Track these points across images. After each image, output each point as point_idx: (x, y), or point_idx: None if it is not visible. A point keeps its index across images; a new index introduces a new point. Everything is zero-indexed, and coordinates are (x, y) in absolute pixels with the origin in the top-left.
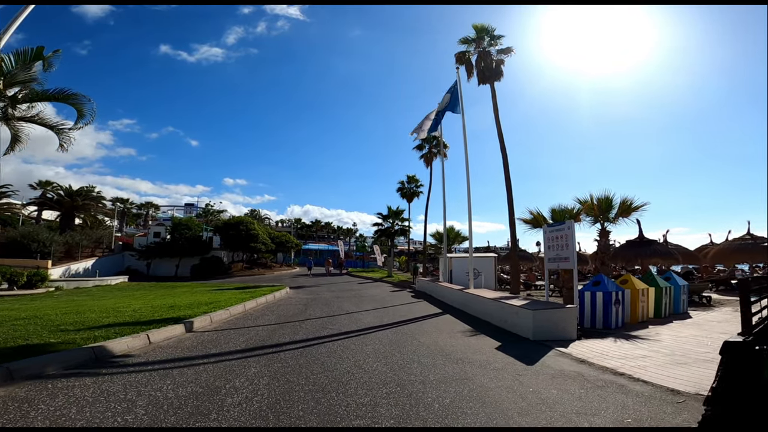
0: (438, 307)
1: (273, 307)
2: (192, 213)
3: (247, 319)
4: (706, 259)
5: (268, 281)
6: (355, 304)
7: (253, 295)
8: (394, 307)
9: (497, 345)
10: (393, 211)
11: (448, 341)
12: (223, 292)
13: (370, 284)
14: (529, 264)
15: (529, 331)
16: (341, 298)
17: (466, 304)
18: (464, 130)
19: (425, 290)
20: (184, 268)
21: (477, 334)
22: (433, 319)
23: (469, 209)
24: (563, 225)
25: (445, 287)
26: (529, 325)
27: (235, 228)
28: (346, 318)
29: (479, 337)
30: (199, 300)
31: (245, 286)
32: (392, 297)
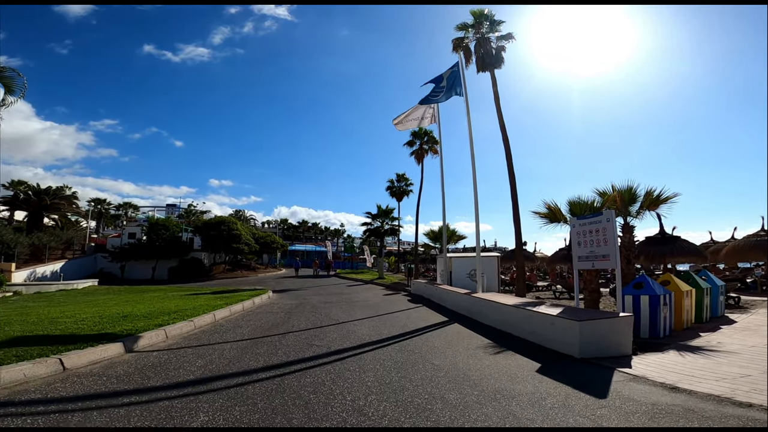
0: (441, 313)
1: (250, 315)
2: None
3: (214, 332)
4: (719, 257)
5: (251, 284)
6: (346, 311)
7: (228, 300)
8: (392, 314)
9: (536, 367)
10: (383, 210)
11: (469, 362)
12: (196, 298)
13: (360, 287)
14: (530, 264)
15: (573, 347)
16: (330, 303)
17: (478, 312)
18: (468, 115)
19: (423, 294)
20: (161, 270)
21: (502, 350)
22: (441, 330)
23: (476, 201)
24: (599, 216)
25: (448, 291)
26: (572, 339)
27: (216, 228)
28: (336, 330)
29: (507, 356)
30: (164, 307)
31: (224, 290)
32: (387, 302)
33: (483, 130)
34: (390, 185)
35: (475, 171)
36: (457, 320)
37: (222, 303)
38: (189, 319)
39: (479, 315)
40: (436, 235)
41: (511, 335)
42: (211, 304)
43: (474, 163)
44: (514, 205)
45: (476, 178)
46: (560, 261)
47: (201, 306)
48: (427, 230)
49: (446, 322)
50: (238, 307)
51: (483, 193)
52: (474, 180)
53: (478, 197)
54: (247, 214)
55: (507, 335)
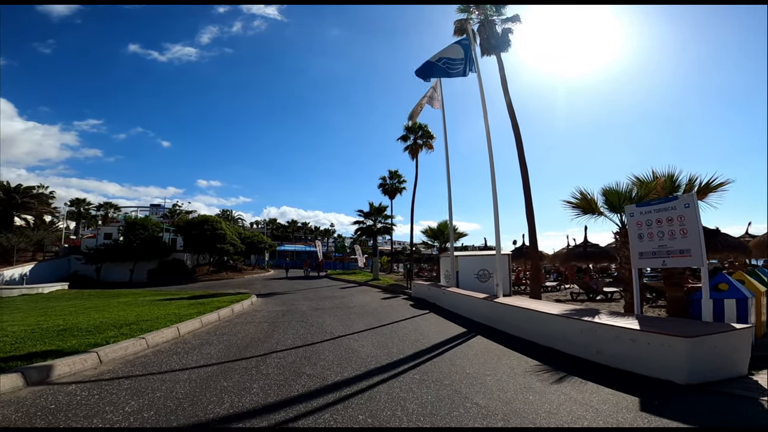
0: (455, 322)
1: (226, 327)
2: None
3: (173, 354)
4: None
5: (235, 287)
6: (342, 320)
7: (203, 308)
8: (397, 324)
9: (634, 403)
10: (375, 208)
11: (530, 400)
12: (168, 304)
13: (354, 289)
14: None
15: (675, 371)
16: (322, 309)
17: (505, 321)
18: (482, 93)
19: (426, 297)
20: (140, 272)
21: (562, 375)
22: (464, 347)
23: (494, 191)
24: (673, 201)
25: (459, 295)
26: (674, 360)
27: (199, 227)
28: (332, 348)
29: (576, 385)
30: (121, 318)
31: (203, 295)
32: (387, 307)
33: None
34: (382, 182)
35: (492, 159)
36: (479, 331)
37: (194, 311)
38: (140, 335)
39: (508, 325)
40: (435, 233)
41: (560, 353)
42: (180, 313)
43: (491, 149)
44: (527, 198)
45: (494, 165)
46: (575, 259)
47: (166, 316)
48: (425, 228)
49: (466, 334)
50: (211, 317)
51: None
52: (492, 167)
53: (496, 185)
54: (235, 214)
55: (554, 352)
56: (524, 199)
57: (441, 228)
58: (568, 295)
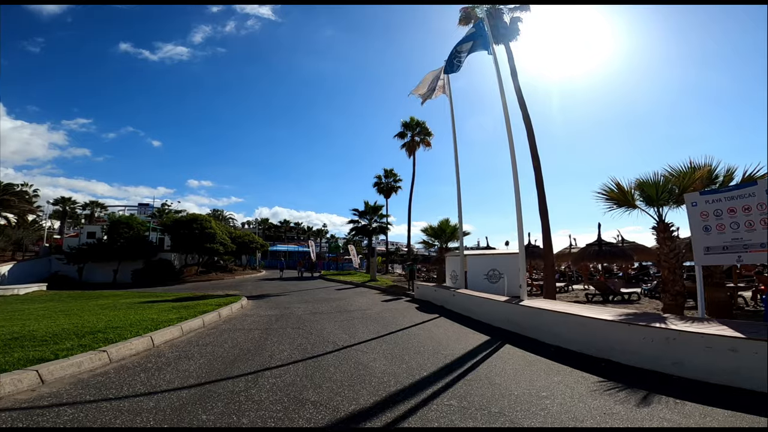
0: (472, 328)
1: (211, 336)
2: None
3: (140, 370)
4: None
5: (225, 288)
6: (344, 326)
7: (186, 312)
8: (407, 330)
9: None
10: (370, 207)
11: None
12: (149, 307)
13: (351, 291)
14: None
15: None
16: (320, 314)
17: (537, 327)
18: (499, 73)
19: (433, 300)
20: (124, 273)
21: (639, 393)
22: (495, 358)
23: (515, 183)
24: (751, 187)
25: (473, 297)
26: None
27: (188, 226)
28: (338, 364)
29: (669, 406)
30: (90, 324)
31: (189, 297)
32: (391, 311)
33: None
34: (377, 181)
35: (513, 150)
36: (505, 339)
37: (175, 316)
38: (103, 347)
39: (541, 332)
40: (436, 232)
41: (620, 365)
42: (158, 318)
43: (510, 133)
44: (540, 193)
45: (515, 158)
46: (589, 258)
47: (141, 322)
48: (425, 226)
49: (492, 343)
50: (194, 323)
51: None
52: (513, 159)
53: (518, 179)
54: (226, 214)
55: (613, 365)
56: (537, 194)
57: (442, 226)
58: (581, 297)
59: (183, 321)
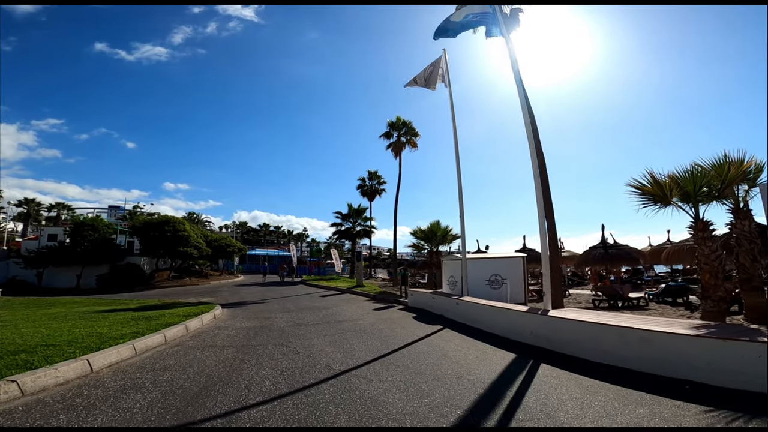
0: (488, 342)
1: (173, 356)
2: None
3: (60, 410)
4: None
5: (199, 294)
6: (336, 341)
7: (145, 326)
8: (412, 347)
9: None
10: (354, 210)
11: None
12: (104, 318)
13: (337, 297)
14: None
15: None
16: (306, 326)
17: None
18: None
19: (429, 308)
20: (89, 278)
21: None
22: (540, 385)
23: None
24: None
25: (484, 306)
26: None
27: (159, 229)
28: (338, 397)
29: None
30: (20, 340)
31: (156, 305)
32: (385, 321)
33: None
34: (361, 183)
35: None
36: (535, 357)
37: (129, 331)
38: (15, 374)
39: (584, 349)
40: (427, 235)
41: (707, 386)
42: (109, 333)
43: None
44: (545, 190)
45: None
46: (595, 262)
47: (86, 338)
48: (415, 229)
49: (521, 362)
50: (153, 340)
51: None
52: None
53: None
54: (203, 217)
55: (695, 386)
56: (542, 191)
57: (433, 229)
58: (582, 302)
59: (138, 337)
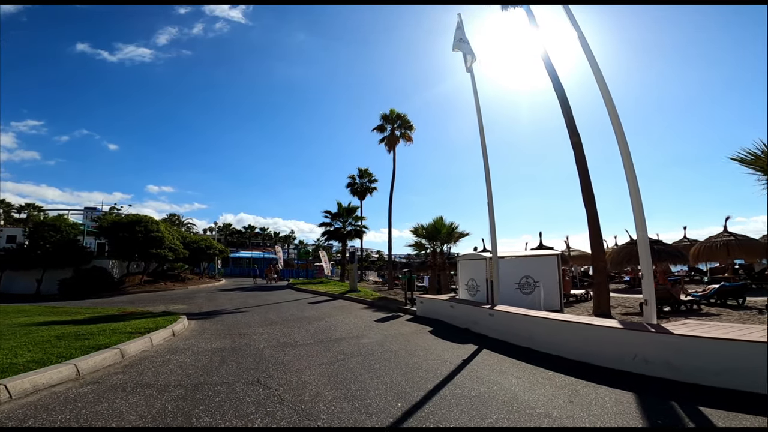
0: (559, 371)
1: (66, 410)
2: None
3: None
4: None
5: (171, 301)
6: (337, 376)
7: (60, 348)
8: (452, 384)
9: None
10: (344, 209)
11: None
12: (26, 334)
13: (330, 305)
14: None
15: None
16: (293, 347)
17: (723, 371)
18: None
19: (446, 318)
20: (50, 283)
21: None
22: None
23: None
24: None
25: (538, 319)
26: None
27: (128, 229)
28: None
29: None
30: None
31: (109, 315)
32: (398, 339)
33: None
34: (351, 182)
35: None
36: (661, 394)
37: (27, 358)
38: None
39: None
40: (430, 233)
41: None
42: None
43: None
44: (583, 175)
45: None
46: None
47: None
48: (415, 226)
49: (654, 406)
50: (59, 373)
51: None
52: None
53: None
54: (185, 219)
55: None
56: (579, 176)
57: (437, 226)
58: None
59: (35, 369)
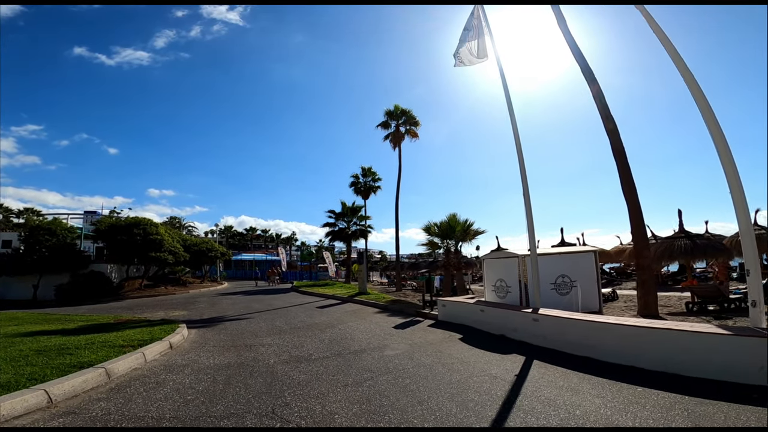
0: (654, 386)
1: None
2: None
3: None
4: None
5: (170, 306)
6: (370, 404)
7: (36, 368)
8: (523, 412)
9: None
10: (349, 208)
11: None
12: (7, 347)
13: (339, 308)
14: None
15: None
16: (308, 362)
17: None
18: None
19: (475, 324)
20: (47, 288)
21: None
22: None
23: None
24: None
25: (612, 327)
26: None
27: (127, 232)
28: None
29: None
30: None
31: (106, 323)
32: (426, 350)
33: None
34: (354, 181)
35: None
36: None
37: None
38: None
39: None
40: (444, 231)
41: None
42: None
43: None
44: (622, 164)
45: None
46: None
47: None
48: (427, 224)
49: None
50: (29, 400)
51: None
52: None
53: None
54: (185, 222)
55: None
56: (617, 165)
57: (451, 223)
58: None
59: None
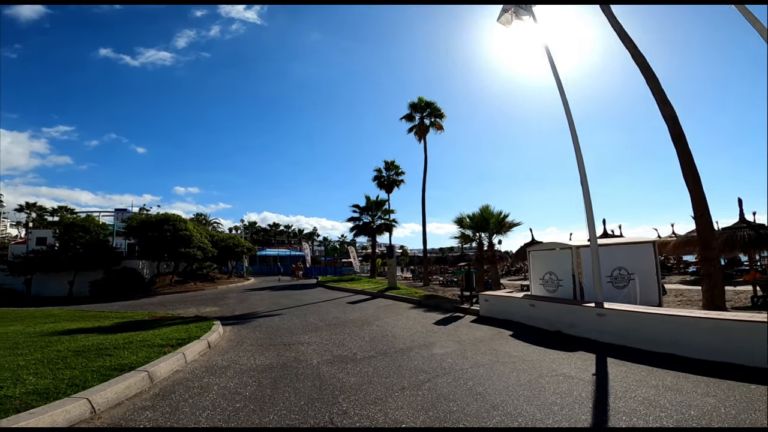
0: (759, 383)
1: None
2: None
3: None
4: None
5: (201, 302)
6: (436, 407)
7: (76, 371)
8: (620, 418)
9: None
10: (373, 202)
11: None
12: (45, 346)
13: (370, 304)
14: None
15: None
16: (354, 362)
17: None
18: None
19: (524, 320)
20: (82, 284)
21: None
22: None
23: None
24: None
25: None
26: None
27: (157, 228)
28: None
29: None
30: None
31: (141, 320)
32: (480, 348)
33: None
34: (377, 175)
35: None
36: None
37: (28, 388)
38: None
39: None
40: (478, 223)
41: None
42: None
43: None
44: (683, 152)
45: None
46: (741, 246)
47: None
48: (459, 216)
49: None
50: (71, 411)
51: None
52: None
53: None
54: (211, 219)
55: None
56: (679, 156)
57: (485, 215)
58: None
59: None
